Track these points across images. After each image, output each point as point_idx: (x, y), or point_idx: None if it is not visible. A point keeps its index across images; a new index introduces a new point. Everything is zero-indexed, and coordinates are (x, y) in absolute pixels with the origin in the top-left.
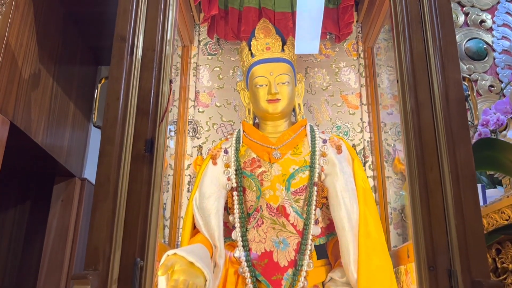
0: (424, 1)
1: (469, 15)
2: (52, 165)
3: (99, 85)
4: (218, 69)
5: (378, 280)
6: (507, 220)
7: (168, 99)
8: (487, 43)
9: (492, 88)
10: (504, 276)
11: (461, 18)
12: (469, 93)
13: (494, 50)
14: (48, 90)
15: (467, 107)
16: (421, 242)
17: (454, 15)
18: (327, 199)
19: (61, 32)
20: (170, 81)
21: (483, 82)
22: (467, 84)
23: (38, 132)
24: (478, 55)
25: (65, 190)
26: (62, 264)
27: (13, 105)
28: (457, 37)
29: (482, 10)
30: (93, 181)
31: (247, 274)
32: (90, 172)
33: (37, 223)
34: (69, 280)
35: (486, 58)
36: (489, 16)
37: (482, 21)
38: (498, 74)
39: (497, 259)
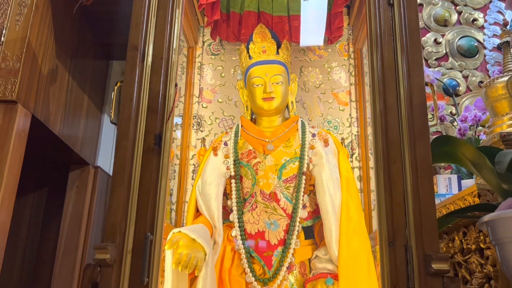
0: (395, 16)
1: (462, 13)
2: (67, 154)
3: (115, 88)
4: (220, 68)
5: (356, 257)
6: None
7: (174, 100)
8: (478, 41)
9: (482, 84)
10: (469, 256)
11: (454, 17)
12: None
13: (485, 48)
14: (64, 84)
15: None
16: (383, 222)
17: (447, 14)
18: (314, 187)
19: (76, 30)
20: (176, 85)
21: (474, 78)
22: (430, 88)
23: (56, 123)
24: (469, 53)
25: (79, 177)
26: (77, 246)
27: (34, 99)
28: (450, 35)
29: (475, 9)
30: (106, 169)
31: (242, 251)
32: (102, 161)
33: (54, 208)
34: (84, 260)
35: (477, 56)
36: (481, 15)
37: (474, 20)
38: (488, 71)
39: (463, 240)
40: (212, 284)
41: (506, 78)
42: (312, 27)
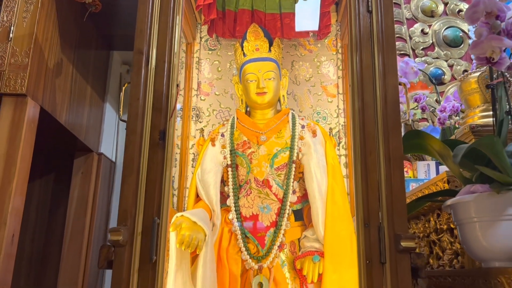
0: (373, 22)
1: (448, 4)
2: (73, 142)
3: (123, 88)
4: (217, 62)
5: (340, 236)
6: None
7: (176, 99)
8: (463, 31)
9: (466, 73)
10: (442, 235)
11: (441, 8)
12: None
13: (469, 38)
14: (69, 76)
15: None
16: (360, 206)
17: (434, 5)
18: (303, 174)
19: (78, 23)
20: (177, 85)
21: (458, 67)
22: (403, 87)
23: (62, 113)
24: (454, 42)
25: (84, 164)
26: (83, 228)
27: (41, 91)
28: (436, 25)
29: (460, 0)
30: (108, 155)
31: (238, 232)
32: (105, 147)
33: (61, 193)
34: (90, 241)
35: (462, 45)
36: (467, 6)
37: (460, 11)
38: (472, 60)
39: (437, 221)
40: (212, 261)
41: (478, 74)
42: (307, 15)
